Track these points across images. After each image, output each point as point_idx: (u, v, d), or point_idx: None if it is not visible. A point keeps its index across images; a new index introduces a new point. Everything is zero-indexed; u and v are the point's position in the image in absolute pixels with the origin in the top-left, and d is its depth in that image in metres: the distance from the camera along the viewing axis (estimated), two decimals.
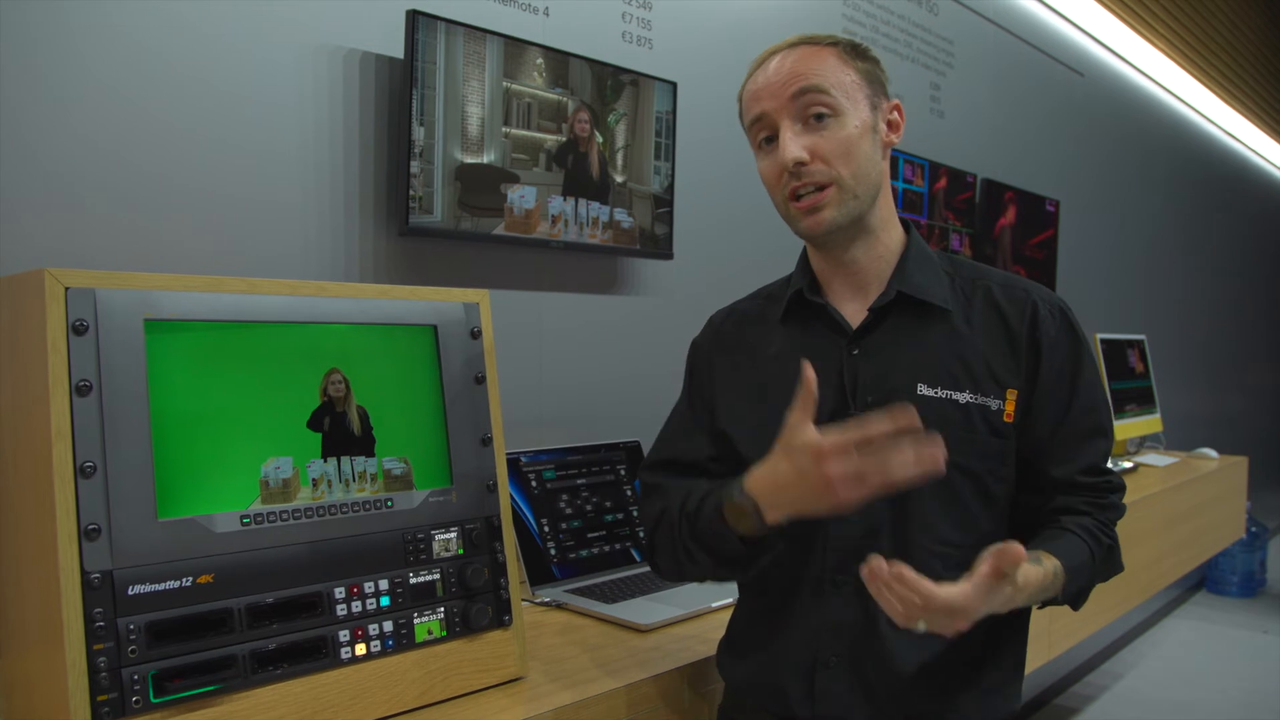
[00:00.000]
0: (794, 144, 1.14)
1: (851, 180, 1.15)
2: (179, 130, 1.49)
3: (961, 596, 0.97)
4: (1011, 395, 1.15)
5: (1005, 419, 1.15)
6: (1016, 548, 0.96)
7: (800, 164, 1.14)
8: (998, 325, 1.18)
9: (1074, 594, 1.15)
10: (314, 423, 1.16)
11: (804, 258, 1.28)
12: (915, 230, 1.25)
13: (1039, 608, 1.19)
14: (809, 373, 1.02)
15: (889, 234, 1.22)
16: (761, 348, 1.28)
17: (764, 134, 1.19)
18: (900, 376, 1.16)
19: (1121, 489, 1.21)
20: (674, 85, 2.15)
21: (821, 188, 1.15)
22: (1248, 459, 4.03)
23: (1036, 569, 1.06)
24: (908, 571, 0.97)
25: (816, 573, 1.18)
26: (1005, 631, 1.20)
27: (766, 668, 1.22)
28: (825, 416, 1.17)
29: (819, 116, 1.14)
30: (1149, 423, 3.84)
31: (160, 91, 1.47)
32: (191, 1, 1.50)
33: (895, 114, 1.21)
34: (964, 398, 1.15)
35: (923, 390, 1.15)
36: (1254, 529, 5.21)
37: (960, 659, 1.17)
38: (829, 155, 1.14)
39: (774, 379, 1.23)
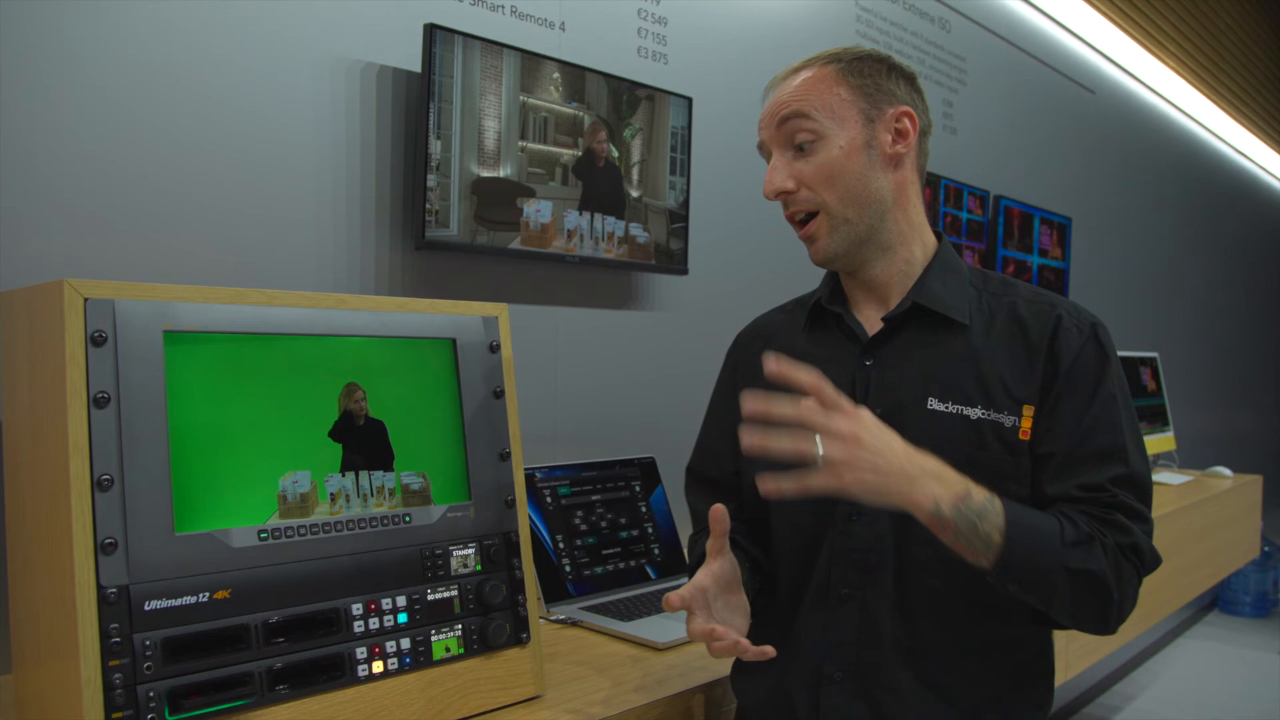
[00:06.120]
0: (778, 174, 1.17)
1: (839, 205, 1.15)
2: (198, 145, 1.49)
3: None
4: (1029, 412, 1.11)
5: (1021, 436, 1.11)
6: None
7: (784, 193, 1.17)
8: (1018, 339, 1.14)
9: (1024, 562, 1.01)
10: (333, 437, 1.14)
11: None
12: (947, 242, 1.23)
13: (991, 571, 1.02)
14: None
15: (909, 248, 1.20)
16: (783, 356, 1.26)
17: (767, 160, 1.21)
18: (910, 389, 1.15)
19: (1139, 516, 1.07)
20: (689, 100, 2.15)
21: (810, 216, 1.17)
22: (1262, 478, 4.00)
23: (948, 467, 1.01)
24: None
25: (820, 586, 1.17)
26: (1027, 655, 1.18)
27: (775, 685, 1.21)
28: None
29: (803, 145, 1.16)
30: (1162, 441, 3.82)
31: (179, 107, 1.47)
32: (208, 18, 1.50)
33: (904, 121, 1.16)
34: (975, 413, 1.12)
35: (932, 405, 1.13)
36: (1268, 549, 5.16)
37: (977, 674, 1.14)
38: (812, 181, 1.15)
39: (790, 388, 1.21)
